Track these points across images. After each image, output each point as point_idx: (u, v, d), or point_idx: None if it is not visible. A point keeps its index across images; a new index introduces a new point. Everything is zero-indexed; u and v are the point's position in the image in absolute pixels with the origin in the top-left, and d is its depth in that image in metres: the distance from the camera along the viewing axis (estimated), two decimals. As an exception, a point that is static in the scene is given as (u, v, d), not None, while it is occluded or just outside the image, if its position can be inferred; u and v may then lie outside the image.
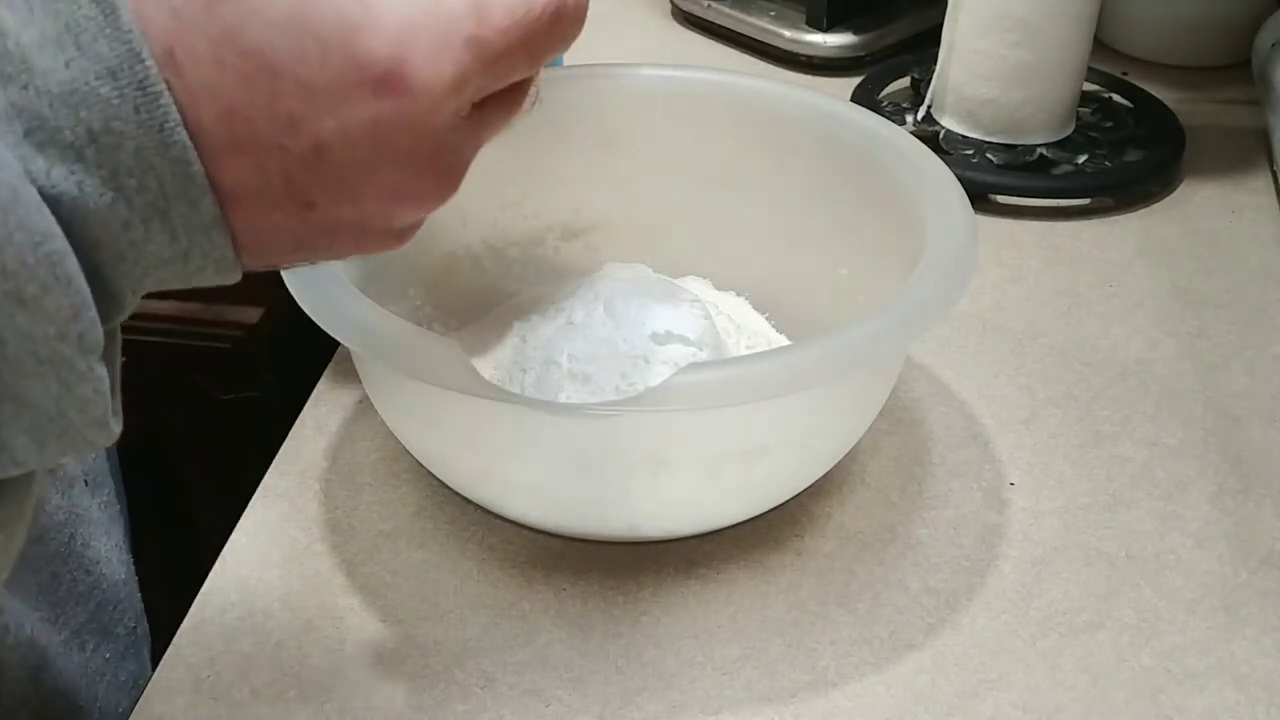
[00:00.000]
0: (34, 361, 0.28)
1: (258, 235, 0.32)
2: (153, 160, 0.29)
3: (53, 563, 0.53)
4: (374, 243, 0.35)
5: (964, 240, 0.50)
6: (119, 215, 0.29)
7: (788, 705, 0.46)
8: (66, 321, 0.28)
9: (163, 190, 0.29)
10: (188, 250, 0.30)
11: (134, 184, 0.29)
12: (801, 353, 0.47)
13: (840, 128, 0.58)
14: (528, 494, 0.50)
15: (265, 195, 0.31)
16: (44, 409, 0.29)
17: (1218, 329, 0.65)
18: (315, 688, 0.46)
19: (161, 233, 0.30)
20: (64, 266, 0.28)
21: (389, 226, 0.35)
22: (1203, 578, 0.51)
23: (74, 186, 0.28)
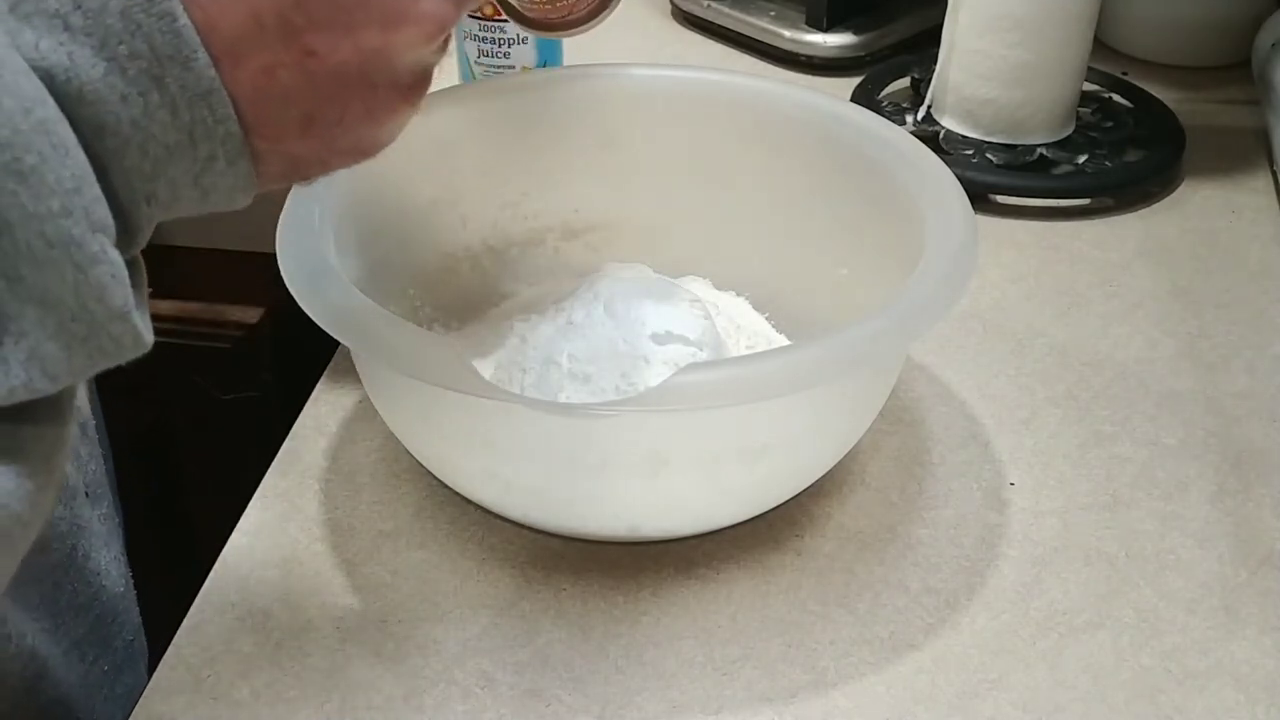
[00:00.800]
0: (44, 246, 0.27)
1: (262, 103, 0.31)
2: (139, 19, 0.28)
3: (54, 573, 0.52)
4: (383, 102, 0.34)
5: (964, 240, 0.50)
6: (115, 88, 0.28)
7: (788, 705, 0.46)
8: (69, 194, 0.28)
9: (154, 53, 0.29)
10: (191, 127, 0.30)
11: (124, 50, 0.28)
12: (801, 353, 0.47)
13: (840, 128, 0.58)
14: (528, 494, 0.50)
15: (264, 45, 0.30)
16: (64, 303, 0.28)
17: (1218, 329, 0.65)
18: (315, 688, 0.46)
19: (161, 107, 0.29)
20: (58, 134, 0.27)
21: (393, 73, 0.34)
22: (1203, 578, 0.51)
23: (64, 57, 0.28)
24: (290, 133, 0.32)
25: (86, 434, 0.57)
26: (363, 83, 0.33)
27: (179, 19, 0.29)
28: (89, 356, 0.29)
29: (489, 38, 0.71)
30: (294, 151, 0.33)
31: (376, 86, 0.33)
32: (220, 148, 0.30)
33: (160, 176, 0.30)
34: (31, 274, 0.27)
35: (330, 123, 0.33)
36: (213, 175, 0.31)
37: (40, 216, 0.27)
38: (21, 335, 0.28)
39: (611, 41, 0.92)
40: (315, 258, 0.47)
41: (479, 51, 0.72)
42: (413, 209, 0.59)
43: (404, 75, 0.34)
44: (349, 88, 0.33)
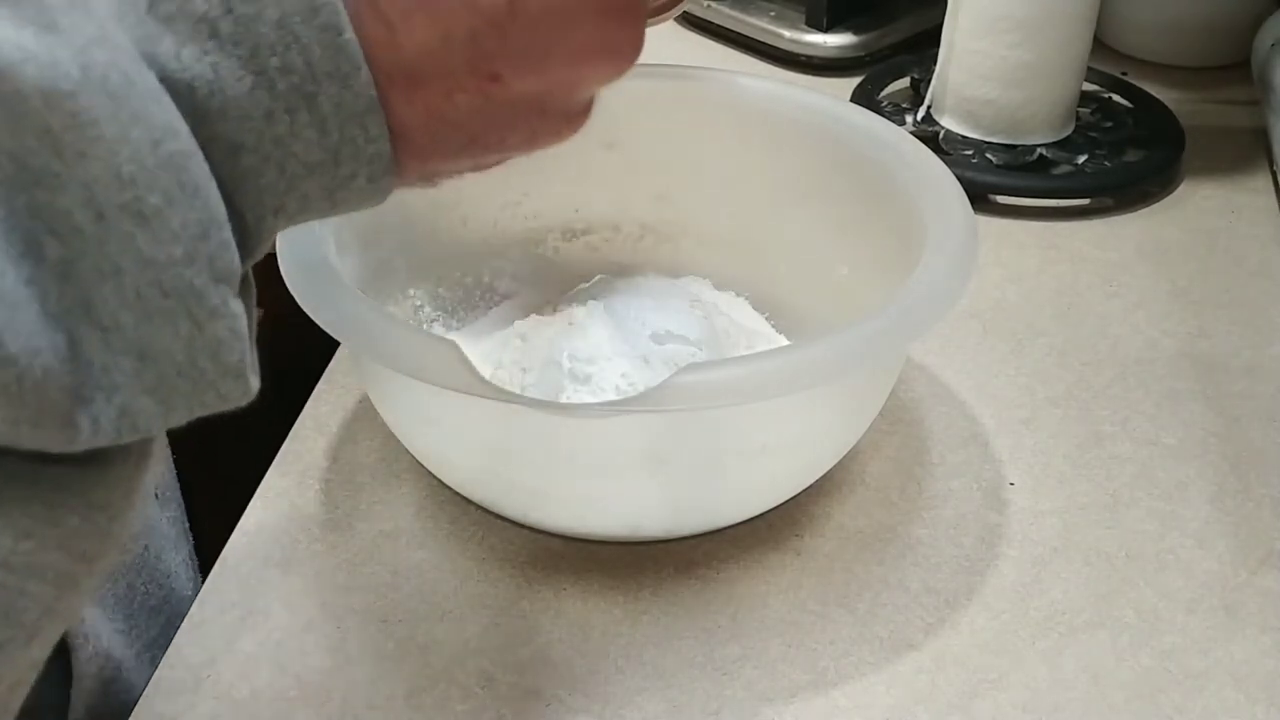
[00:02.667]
0: (158, 295, 0.24)
1: (432, 124, 0.28)
2: (298, 30, 0.25)
3: (129, 574, 0.52)
4: (550, 129, 0.32)
5: (964, 240, 0.50)
6: (260, 104, 0.25)
7: (788, 705, 0.46)
8: (195, 240, 0.24)
9: (310, 68, 0.25)
10: (338, 148, 0.26)
11: (277, 63, 0.25)
12: (801, 353, 0.47)
13: (840, 128, 0.58)
14: (528, 494, 0.50)
15: (448, 67, 0.28)
16: (171, 358, 0.25)
17: (1217, 329, 0.65)
18: (315, 688, 0.46)
19: (309, 126, 0.26)
20: (190, 171, 0.24)
21: (568, 104, 0.31)
22: (1202, 578, 0.51)
23: (208, 69, 0.24)
24: (446, 154, 0.30)
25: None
26: (536, 111, 0.31)
27: (344, 33, 0.26)
28: (189, 410, 0.26)
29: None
30: (440, 168, 0.31)
31: (547, 114, 0.31)
32: (365, 167, 0.27)
33: (293, 191, 0.27)
34: (136, 324, 0.24)
35: (490, 146, 0.31)
36: (348, 191, 0.28)
37: (158, 264, 0.24)
38: (114, 390, 0.24)
39: (611, 42, 0.93)
40: (315, 258, 0.47)
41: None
42: (413, 209, 0.59)
43: (578, 104, 0.32)
44: (521, 115, 0.30)
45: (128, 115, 0.23)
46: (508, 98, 0.29)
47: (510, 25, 0.28)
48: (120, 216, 0.23)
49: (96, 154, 0.23)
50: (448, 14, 0.27)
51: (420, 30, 0.27)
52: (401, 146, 0.28)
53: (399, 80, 0.27)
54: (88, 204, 0.23)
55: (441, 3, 0.27)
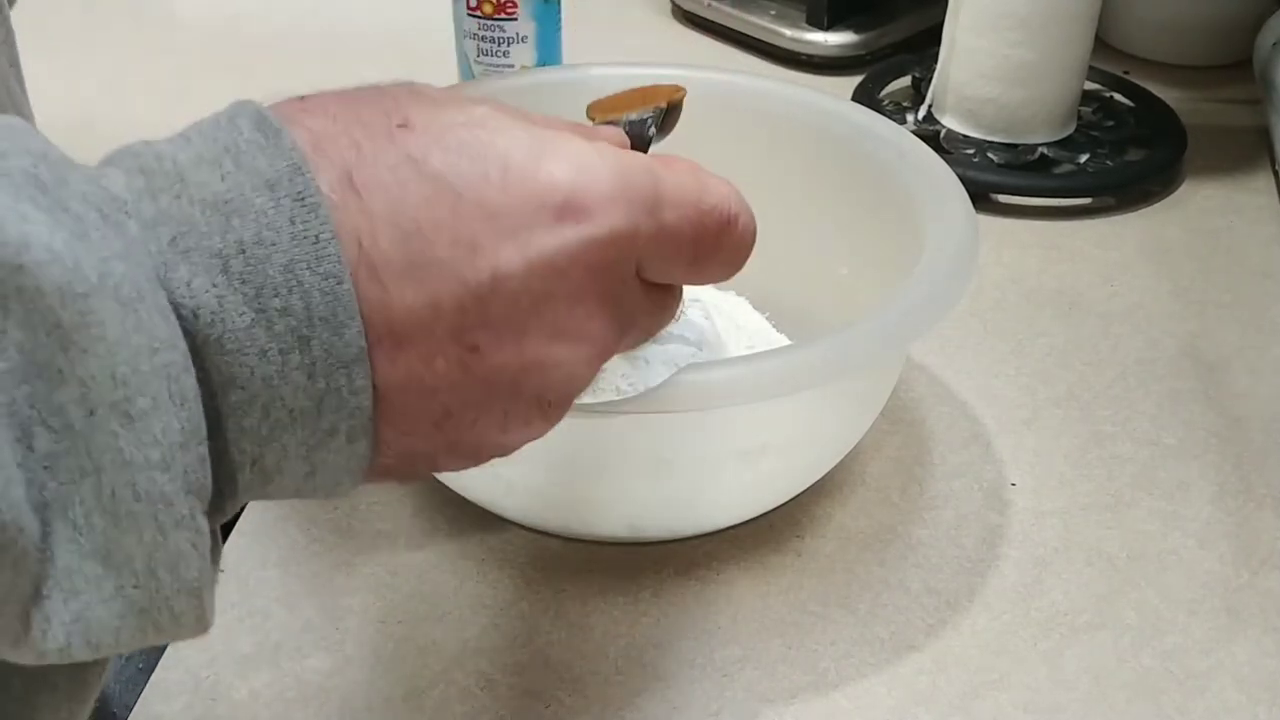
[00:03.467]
0: (130, 497, 0.25)
1: (410, 388, 0.30)
2: (302, 276, 0.27)
3: None
4: (522, 415, 0.33)
5: (964, 240, 0.49)
6: (256, 341, 0.27)
7: (788, 706, 0.46)
8: (174, 448, 0.25)
9: (308, 312, 0.27)
10: (323, 396, 0.28)
11: (278, 304, 0.27)
12: (801, 353, 0.47)
13: (841, 127, 0.58)
14: (528, 494, 0.50)
15: (432, 333, 0.29)
16: (131, 566, 0.26)
17: (1219, 329, 0.65)
18: (314, 689, 0.46)
19: (298, 369, 0.27)
20: (180, 383, 0.25)
21: (542, 389, 0.33)
22: (1204, 578, 0.51)
23: (213, 300, 0.26)
24: (421, 426, 0.31)
25: None
26: (511, 390, 0.32)
27: (343, 282, 0.27)
28: (140, 630, 0.26)
29: (489, 37, 0.71)
30: (415, 447, 0.31)
31: (522, 397, 0.32)
32: (345, 422, 0.28)
33: (273, 442, 0.28)
34: (105, 527, 0.25)
35: (465, 424, 0.32)
36: (326, 451, 0.29)
37: (135, 465, 0.25)
38: (73, 594, 0.25)
39: (611, 41, 0.92)
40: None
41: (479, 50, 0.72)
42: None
43: (550, 392, 0.33)
44: (496, 392, 0.32)
45: (132, 322, 0.25)
46: (484, 371, 0.31)
47: (491, 298, 0.30)
48: (109, 415, 0.25)
49: (97, 352, 0.24)
50: (438, 282, 0.29)
51: (411, 294, 0.29)
52: (381, 409, 0.29)
53: (385, 338, 0.29)
54: (82, 400, 0.25)
55: (433, 271, 0.29)
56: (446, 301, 0.29)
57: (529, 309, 0.31)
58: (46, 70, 0.89)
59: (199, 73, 0.88)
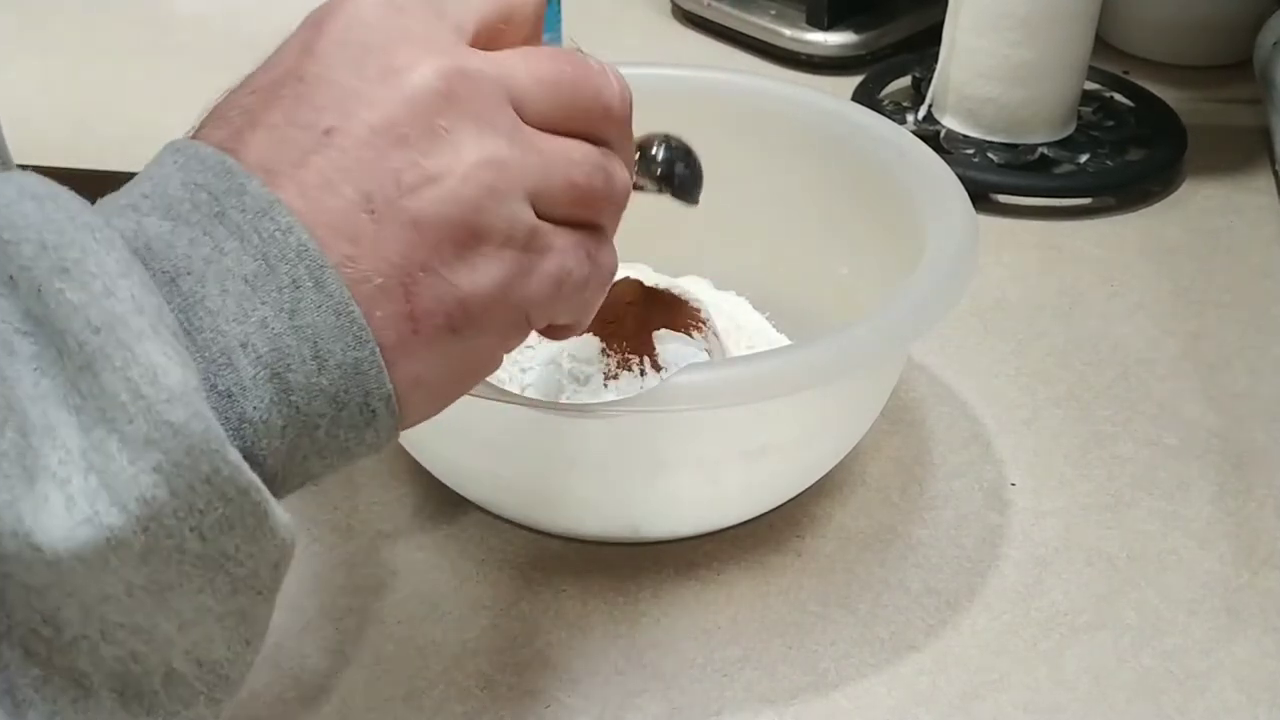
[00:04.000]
0: (90, 333, 0.26)
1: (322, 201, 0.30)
2: (196, 177, 0.29)
3: None
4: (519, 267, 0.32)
5: (964, 240, 0.49)
6: (182, 235, 0.28)
7: (788, 706, 0.46)
8: (114, 278, 0.27)
9: (212, 195, 0.29)
10: (265, 250, 0.29)
11: (187, 206, 0.29)
12: (801, 353, 0.47)
13: (841, 127, 0.58)
14: (528, 494, 0.50)
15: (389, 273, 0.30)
16: (118, 404, 0.26)
17: (1219, 329, 0.65)
18: (315, 688, 0.46)
19: (230, 237, 0.29)
20: (104, 233, 0.27)
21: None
22: (1204, 578, 0.51)
23: (133, 223, 0.29)
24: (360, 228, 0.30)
25: None
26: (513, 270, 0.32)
27: (226, 160, 0.29)
28: (157, 467, 0.26)
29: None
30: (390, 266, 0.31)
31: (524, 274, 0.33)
32: (300, 265, 0.29)
33: (250, 316, 0.28)
34: (91, 385, 0.26)
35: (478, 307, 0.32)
36: (308, 310, 0.29)
37: (83, 306, 0.26)
38: (90, 470, 0.26)
39: (611, 41, 0.92)
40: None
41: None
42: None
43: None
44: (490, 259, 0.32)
45: (50, 207, 0.27)
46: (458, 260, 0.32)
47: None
48: (50, 279, 0.26)
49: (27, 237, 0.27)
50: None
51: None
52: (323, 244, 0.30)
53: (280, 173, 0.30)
54: (30, 285, 0.26)
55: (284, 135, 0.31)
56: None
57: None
58: (47, 70, 0.89)
59: (199, 72, 0.88)
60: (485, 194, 0.31)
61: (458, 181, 0.31)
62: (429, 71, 0.31)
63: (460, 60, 0.31)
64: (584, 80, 0.34)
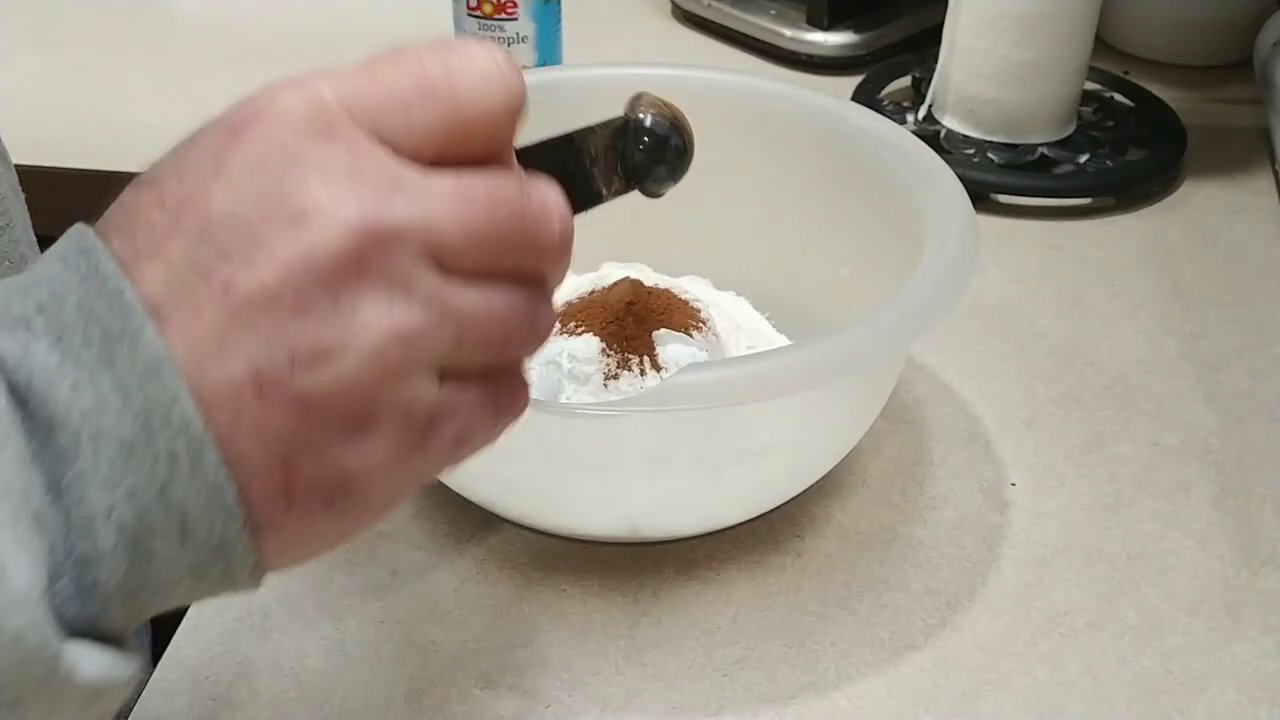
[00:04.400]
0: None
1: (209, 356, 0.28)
2: (91, 305, 0.27)
3: None
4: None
5: (964, 240, 0.49)
6: (66, 376, 0.27)
7: (788, 706, 0.46)
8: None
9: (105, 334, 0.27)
10: (147, 415, 0.27)
11: (79, 339, 0.27)
12: (801, 353, 0.47)
13: (841, 127, 0.58)
14: (528, 494, 0.50)
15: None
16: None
17: (1219, 329, 0.65)
18: (315, 688, 0.46)
19: (113, 391, 0.27)
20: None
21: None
22: (1204, 578, 0.51)
23: (20, 347, 0.27)
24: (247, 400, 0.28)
25: None
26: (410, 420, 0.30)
27: (125, 293, 0.27)
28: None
29: (489, 37, 0.71)
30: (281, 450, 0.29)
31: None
32: (179, 439, 0.27)
33: (120, 485, 0.27)
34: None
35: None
36: (180, 486, 0.27)
37: None
38: None
39: (611, 41, 0.92)
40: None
41: (479, 51, 0.72)
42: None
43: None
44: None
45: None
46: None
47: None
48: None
49: None
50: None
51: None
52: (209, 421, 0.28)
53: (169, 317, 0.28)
54: None
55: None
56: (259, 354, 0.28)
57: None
58: (47, 70, 0.89)
59: (199, 72, 0.88)
60: (384, 375, 0.28)
61: (356, 361, 0.28)
62: (340, 229, 0.27)
63: (379, 212, 0.28)
64: (519, 229, 0.31)
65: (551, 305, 0.33)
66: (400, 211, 0.28)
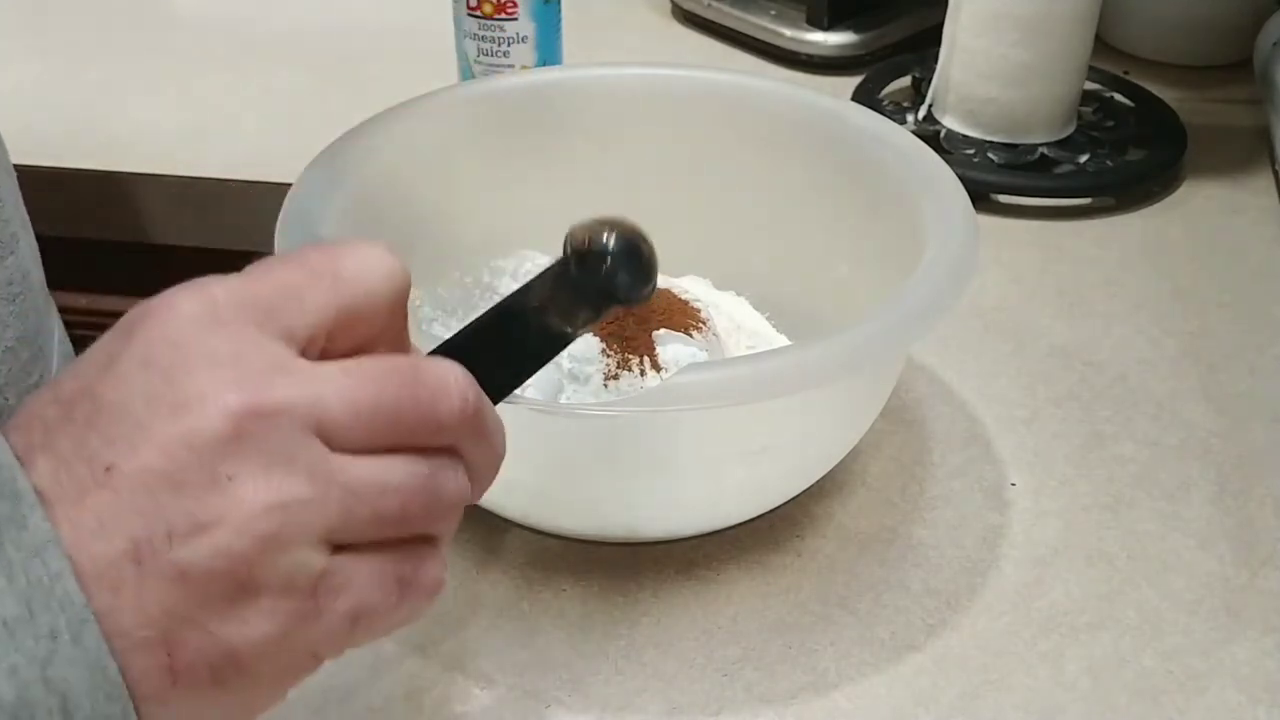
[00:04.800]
0: None
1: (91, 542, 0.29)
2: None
3: None
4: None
5: (964, 240, 0.49)
6: None
7: (788, 706, 0.46)
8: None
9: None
10: (30, 595, 0.28)
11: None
12: (801, 353, 0.47)
13: (841, 127, 0.58)
14: (528, 494, 0.50)
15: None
16: None
17: (1219, 329, 0.65)
18: (314, 689, 0.46)
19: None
20: None
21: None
22: (1204, 578, 0.51)
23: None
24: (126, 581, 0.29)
25: None
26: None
27: (17, 480, 0.28)
28: None
29: (489, 37, 0.71)
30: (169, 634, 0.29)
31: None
32: (61, 615, 0.28)
33: (1, 663, 0.27)
34: None
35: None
36: (61, 663, 0.28)
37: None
38: None
39: (611, 41, 0.92)
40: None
41: (479, 50, 0.72)
42: (412, 208, 0.58)
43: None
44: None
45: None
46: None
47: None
48: None
49: None
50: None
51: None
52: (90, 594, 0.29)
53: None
54: None
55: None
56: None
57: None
58: (47, 69, 0.89)
59: (199, 72, 0.88)
60: (262, 544, 0.29)
61: (231, 533, 0.29)
62: (217, 411, 0.29)
63: (260, 394, 0.29)
64: (409, 401, 0.31)
65: (462, 478, 0.33)
66: (280, 392, 0.29)
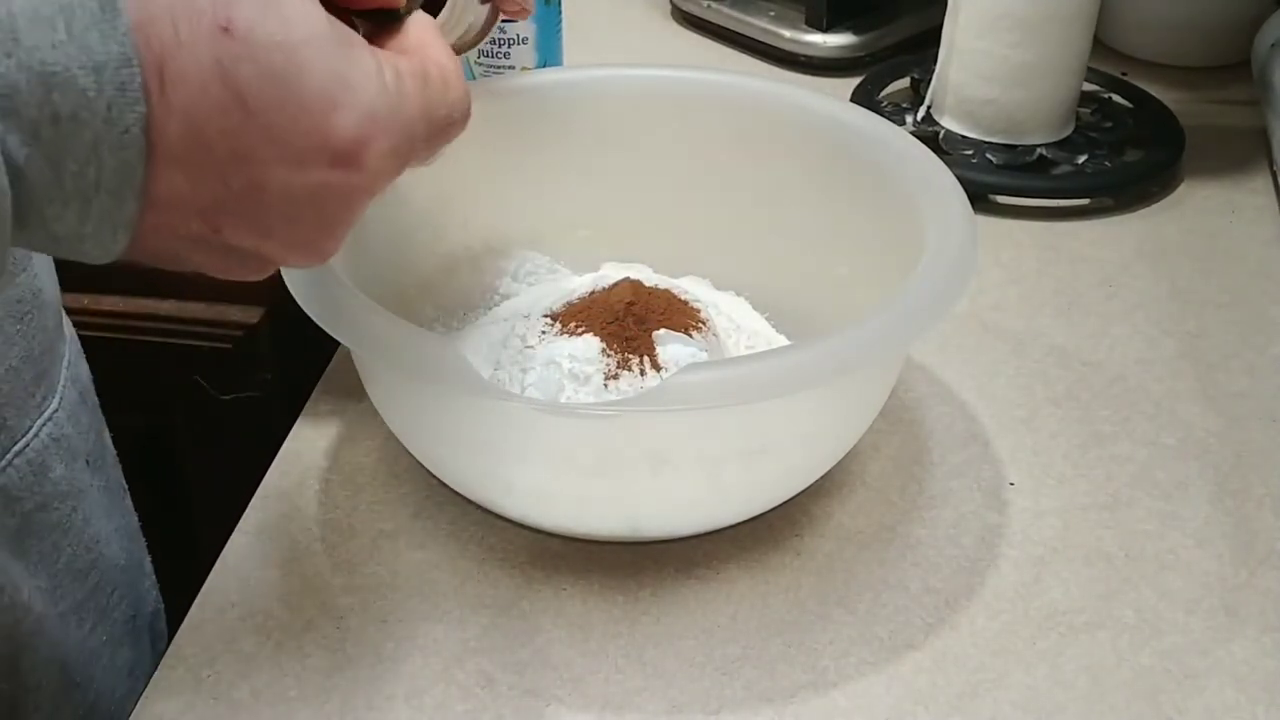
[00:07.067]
0: None
1: (156, 237, 0.33)
2: (104, 155, 0.30)
3: (54, 533, 0.53)
4: (242, 272, 0.37)
5: (964, 240, 0.50)
6: (47, 191, 0.30)
7: (787, 705, 0.46)
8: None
9: (99, 182, 0.30)
10: (83, 235, 0.31)
11: (74, 169, 0.30)
12: (801, 353, 0.47)
13: (840, 128, 0.58)
14: (528, 494, 0.50)
15: (187, 209, 0.33)
16: None
17: (1217, 329, 0.65)
18: (315, 688, 0.46)
19: (76, 216, 0.31)
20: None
21: (266, 265, 0.37)
22: (1202, 578, 0.51)
23: (20, 157, 0.29)
24: (161, 257, 0.34)
25: (87, 402, 0.58)
26: (239, 257, 0.36)
27: (136, 171, 0.31)
28: None
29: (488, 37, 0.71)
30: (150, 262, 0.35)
31: (248, 264, 0.36)
32: (96, 250, 0.32)
33: (33, 242, 0.31)
34: None
35: (192, 263, 0.36)
36: (68, 250, 0.32)
37: None
38: None
39: (611, 41, 0.93)
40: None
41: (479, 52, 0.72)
42: (413, 208, 0.59)
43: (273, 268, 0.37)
44: (226, 257, 0.36)
45: None
46: (219, 244, 0.35)
47: (248, 202, 0.34)
48: None
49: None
50: (202, 176, 0.33)
51: (179, 179, 0.32)
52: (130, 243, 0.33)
53: (148, 207, 0.32)
54: None
55: (204, 168, 0.32)
56: (204, 192, 0.33)
57: (280, 222, 0.35)
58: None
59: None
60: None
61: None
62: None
63: None
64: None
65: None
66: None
